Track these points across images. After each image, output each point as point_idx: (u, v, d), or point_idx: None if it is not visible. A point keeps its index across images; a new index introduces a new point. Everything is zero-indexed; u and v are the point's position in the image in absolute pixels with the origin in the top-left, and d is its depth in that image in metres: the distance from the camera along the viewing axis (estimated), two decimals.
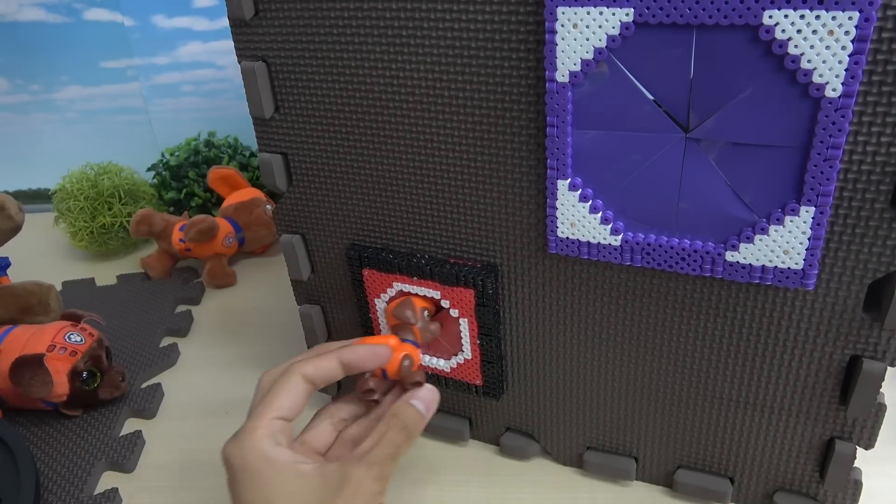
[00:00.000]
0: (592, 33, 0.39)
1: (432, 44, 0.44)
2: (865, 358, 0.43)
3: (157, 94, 1.05)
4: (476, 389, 0.56)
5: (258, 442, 0.42)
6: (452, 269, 0.51)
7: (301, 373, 0.45)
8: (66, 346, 0.64)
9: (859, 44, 0.33)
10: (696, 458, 0.53)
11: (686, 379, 0.50)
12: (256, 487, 0.41)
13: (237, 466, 0.42)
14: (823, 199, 0.38)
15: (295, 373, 0.45)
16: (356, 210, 0.54)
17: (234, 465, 0.42)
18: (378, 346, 0.47)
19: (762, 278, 0.42)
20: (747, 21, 0.35)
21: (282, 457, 0.42)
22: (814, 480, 0.50)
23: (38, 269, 0.89)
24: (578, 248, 0.46)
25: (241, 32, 0.50)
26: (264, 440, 0.42)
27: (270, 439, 0.43)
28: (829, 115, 0.35)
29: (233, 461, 0.42)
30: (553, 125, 0.42)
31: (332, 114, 0.50)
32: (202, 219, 0.84)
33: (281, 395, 0.44)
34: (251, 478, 0.42)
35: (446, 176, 0.49)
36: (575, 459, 0.58)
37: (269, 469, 0.42)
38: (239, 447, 0.42)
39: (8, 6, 1.00)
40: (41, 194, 1.13)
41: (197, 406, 0.68)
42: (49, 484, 0.59)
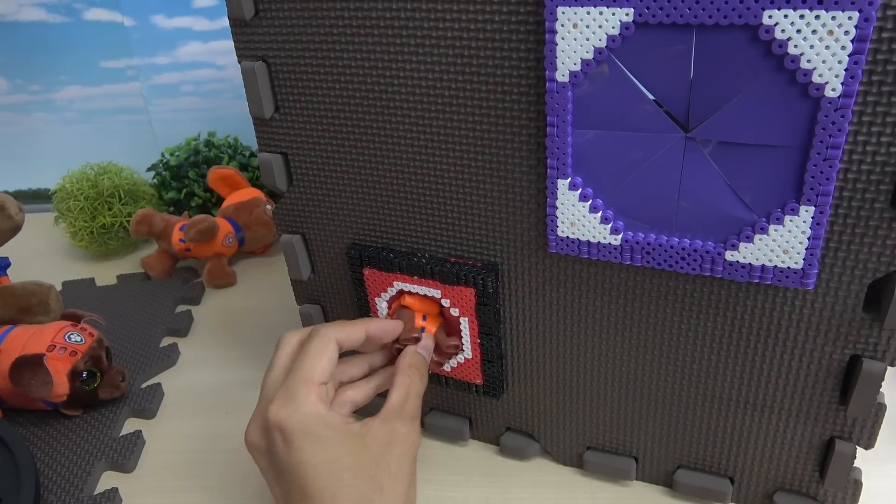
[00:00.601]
0: (592, 33, 0.39)
1: (432, 43, 0.44)
2: (865, 358, 0.43)
3: (157, 94, 1.05)
4: (476, 389, 0.56)
5: (314, 406, 0.44)
6: (453, 269, 0.51)
7: (333, 337, 0.47)
8: (66, 346, 0.64)
9: (859, 44, 0.33)
10: (695, 457, 0.53)
11: (686, 379, 0.50)
12: (319, 448, 0.43)
13: (297, 430, 0.43)
14: (823, 199, 0.38)
15: (331, 338, 0.47)
16: (356, 210, 0.54)
17: (293, 428, 0.43)
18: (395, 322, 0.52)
19: (762, 278, 0.42)
20: (747, 21, 0.35)
21: (335, 419, 0.44)
22: (814, 480, 0.50)
23: (38, 269, 0.90)
24: (578, 248, 0.46)
25: (241, 32, 0.50)
26: (320, 404, 0.44)
27: (324, 403, 0.44)
28: (828, 114, 0.35)
29: (291, 425, 0.43)
30: (553, 125, 0.42)
31: (332, 113, 0.50)
32: (202, 219, 0.84)
33: (322, 360, 0.46)
34: (312, 439, 0.43)
35: (447, 175, 0.49)
36: (575, 459, 0.58)
37: (328, 430, 0.43)
38: (296, 411, 0.43)
39: (8, 6, 1.00)
40: (41, 194, 1.14)
41: (197, 406, 0.68)
42: (49, 484, 0.59)
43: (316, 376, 0.45)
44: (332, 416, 0.44)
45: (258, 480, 0.59)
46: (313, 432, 0.43)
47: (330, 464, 0.42)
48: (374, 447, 0.44)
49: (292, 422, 0.43)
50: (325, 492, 0.42)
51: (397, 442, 0.45)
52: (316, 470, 0.42)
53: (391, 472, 0.44)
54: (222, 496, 0.58)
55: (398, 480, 0.44)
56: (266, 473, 0.46)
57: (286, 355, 0.48)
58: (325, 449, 0.43)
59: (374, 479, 0.43)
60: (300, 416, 0.43)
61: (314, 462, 0.42)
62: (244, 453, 0.61)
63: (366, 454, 0.44)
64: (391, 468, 0.44)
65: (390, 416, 0.46)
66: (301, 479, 0.42)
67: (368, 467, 0.43)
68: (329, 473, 0.42)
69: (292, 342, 0.48)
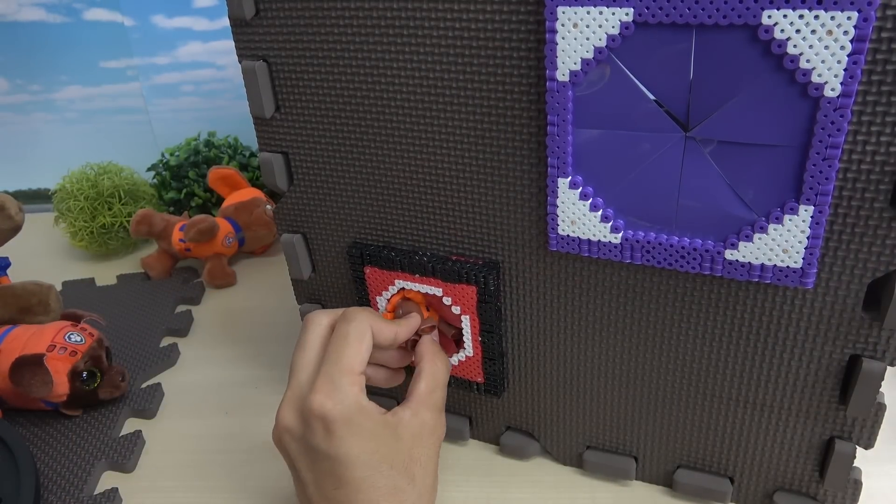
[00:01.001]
0: (592, 33, 0.39)
1: (433, 43, 0.45)
2: (865, 357, 0.44)
3: (157, 94, 1.05)
4: (477, 387, 0.56)
5: (357, 396, 0.44)
6: (454, 267, 0.51)
7: (370, 325, 0.47)
8: (66, 346, 0.64)
9: (858, 44, 0.34)
10: (695, 457, 0.53)
11: (686, 378, 0.50)
12: (361, 438, 0.43)
13: (340, 419, 0.43)
14: (822, 199, 0.38)
15: (368, 325, 0.46)
16: (357, 208, 0.54)
17: (336, 418, 0.43)
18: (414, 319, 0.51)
19: (761, 277, 0.42)
20: (746, 21, 0.35)
21: (373, 409, 0.45)
22: (814, 480, 0.50)
23: (38, 269, 0.90)
24: (579, 246, 0.46)
25: (241, 32, 0.50)
26: (361, 395, 0.45)
27: (363, 393, 0.45)
28: (827, 114, 0.36)
29: (334, 415, 0.43)
30: (554, 124, 0.42)
31: (332, 113, 0.50)
32: (202, 219, 0.84)
33: (362, 349, 0.46)
34: (354, 430, 0.43)
35: (448, 174, 0.49)
36: (575, 459, 0.58)
37: (368, 420, 0.44)
38: (340, 401, 0.43)
39: (8, 6, 1.00)
40: (41, 194, 1.13)
41: (197, 406, 0.69)
42: (49, 484, 0.59)
43: (357, 366, 0.45)
44: (371, 407, 0.45)
45: (258, 480, 0.59)
46: (356, 423, 0.43)
47: (370, 454, 0.43)
48: (406, 438, 0.45)
49: (336, 413, 0.43)
50: (363, 482, 0.43)
51: (426, 433, 0.46)
52: (358, 459, 0.43)
53: (422, 464, 0.45)
54: (222, 496, 0.58)
55: (427, 472, 0.45)
56: (296, 458, 0.45)
57: (318, 337, 0.47)
58: (365, 439, 0.43)
59: (407, 471, 0.44)
60: (344, 407, 0.43)
61: (356, 452, 0.43)
62: (244, 453, 0.62)
63: (400, 445, 0.45)
64: (422, 459, 0.45)
65: (419, 406, 0.47)
66: (339, 468, 0.43)
67: (403, 458, 0.44)
68: (368, 464, 0.43)
69: (323, 323, 0.48)
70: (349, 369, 0.45)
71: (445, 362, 0.50)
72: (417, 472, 0.45)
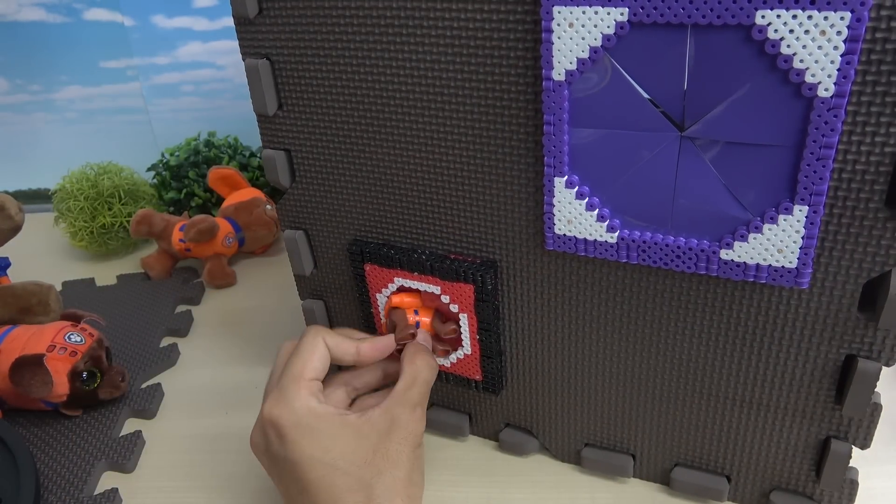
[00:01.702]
0: (588, 32, 0.39)
1: (432, 42, 0.45)
2: (861, 357, 0.44)
3: (157, 94, 1.05)
4: (476, 385, 0.56)
5: (305, 400, 0.45)
6: (452, 265, 0.51)
7: (324, 339, 0.48)
8: (66, 347, 0.64)
9: (851, 44, 0.34)
10: (692, 456, 0.53)
11: (682, 376, 0.50)
12: (312, 440, 0.44)
13: (288, 424, 0.44)
14: (817, 199, 0.38)
15: (319, 336, 0.48)
16: (358, 206, 0.54)
17: (285, 423, 0.44)
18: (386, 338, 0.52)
19: (756, 277, 0.42)
20: (740, 21, 0.35)
21: (327, 410, 0.46)
22: (810, 479, 0.50)
23: (38, 269, 0.90)
24: (575, 245, 0.46)
25: (245, 30, 0.50)
26: (310, 398, 0.46)
27: (314, 397, 0.46)
28: (821, 114, 0.36)
29: (283, 420, 0.45)
30: (550, 123, 0.42)
31: (334, 111, 0.50)
32: (202, 219, 0.85)
33: (312, 358, 0.47)
34: (305, 432, 0.44)
35: (446, 172, 0.49)
36: (573, 456, 0.58)
37: (320, 422, 0.45)
38: (287, 406, 0.45)
39: (8, 6, 1.00)
40: (41, 194, 1.14)
41: (197, 406, 0.69)
42: (49, 484, 0.60)
43: (306, 373, 0.47)
44: (323, 408, 0.45)
45: (258, 481, 0.59)
46: (304, 424, 0.44)
47: (323, 453, 0.44)
48: (371, 435, 0.45)
49: (284, 417, 0.45)
50: (320, 482, 0.43)
51: (397, 428, 0.46)
52: (311, 461, 0.43)
53: (390, 457, 0.45)
54: (222, 496, 0.59)
55: (398, 465, 0.45)
56: (268, 471, 0.47)
57: (282, 359, 0.50)
58: (317, 439, 0.44)
59: (370, 465, 0.44)
60: (290, 410, 0.45)
61: (308, 453, 0.44)
62: (244, 453, 0.62)
63: (362, 442, 0.45)
64: (390, 453, 0.45)
65: (391, 403, 0.47)
66: (297, 472, 0.44)
67: (365, 454, 0.44)
68: (323, 463, 0.43)
69: (287, 346, 0.50)
70: (296, 376, 0.46)
71: (426, 361, 0.50)
72: (384, 465, 0.44)
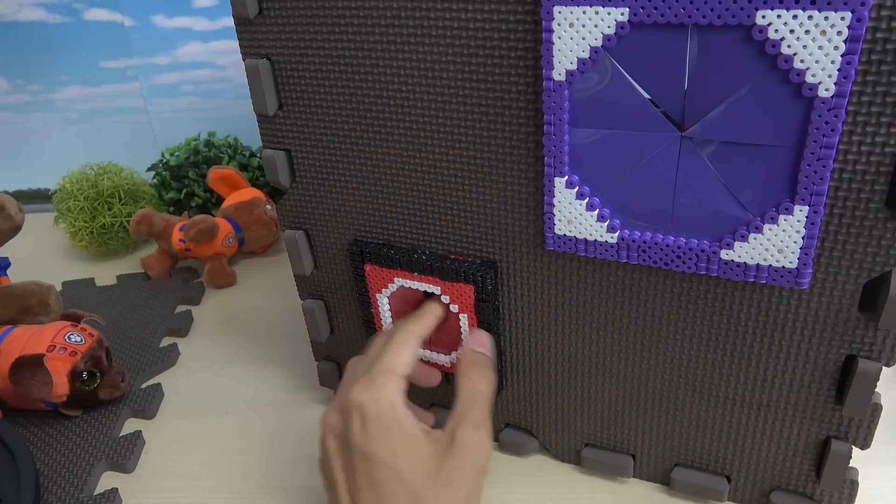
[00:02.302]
0: (588, 32, 0.39)
1: (432, 42, 0.45)
2: (861, 358, 0.44)
3: (157, 94, 1.05)
4: None
5: (392, 395, 0.45)
6: (452, 265, 0.51)
7: (415, 332, 0.49)
8: (66, 347, 0.64)
9: (852, 44, 0.34)
10: (692, 456, 0.53)
11: (682, 377, 0.50)
12: (385, 440, 0.43)
13: (372, 414, 0.44)
14: (817, 199, 0.38)
15: (410, 332, 0.49)
16: (358, 206, 0.54)
17: (371, 411, 0.44)
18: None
19: (756, 277, 0.42)
20: (740, 21, 0.35)
21: (407, 416, 0.45)
22: (810, 480, 0.50)
23: (38, 269, 0.90)
24: (575, 245, 0.46)
25: (245, 30, 0.50)
26: (397, 394, 0.45)
27: (401, 395, 0.45)
28: (822, 114, 0.36)
29: (369, 407, 0.44)
30: (550, 123, 0.42)
31: (334, 111, 0.50)
32: (202, 219, 0.85)
33: (403, 352, 0.47)
34: (382, 430, 0.43)
35: (446, 172, 0.49)
36: (573, 456, 0.58)
37: (397, 425, 0.44)
38: (375, 395, 0.44)
39: (8, 6, 1.00)
40: (41, 194, 1.14)
41: (197, 406, 0.69)
42: (49, 484, 0.60)
43: (397, 367, 0.46)
44: (404, 411, 0.45)
45: (258, 481, 0.59)
46: (384, 421, 0.44)
47: (393, 457, 0.43)
48: (435, 455, 0.44)
49: (371, 406, 0.44)
50: (385, 485, 0.43)
51: (459, 450, 0.44)
52: (381, 460, 0.43)
53: (451, 482, 0.43)
54: (222, 496, 0.59)
55: (457, 489, 0.43)
56: (332, 457, 0.45)
57: (374, 349, 0.49)
58: (391, 440, 0.43)
59: (430, 486, 0.43)
60: (377, 400, 0.44)
61: (379, 452, 0.43)
62: (245, 453, 0.62)
63: (427, 460, 0.43)
64: (452, 477, 0.43)
65: (454, 424, 0.45)
66: (368, 466, 0.43)
67: (427, 472, 0.43)
68: (388, 466, 0.43)
69: (381, 339, 0.50)
70: (388, 369, 0.46)
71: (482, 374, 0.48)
72: (442, 489, 0.43)
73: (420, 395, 0.62)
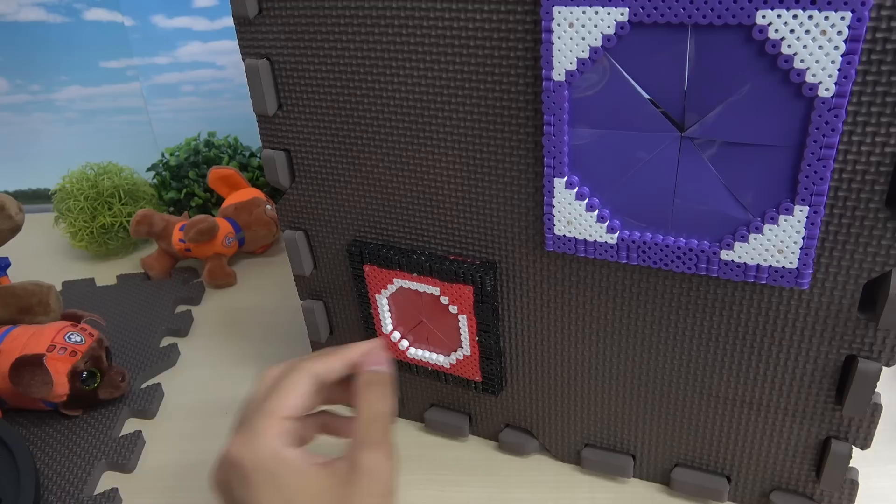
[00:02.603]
0: (588, 32, 0.39)
1: (432, 42, 0.45)
2: (861, 358, 0.44)
3: (157, 94, 1.05)
4: (475, 385, 0.56)
5: (270, 441, 0.41)
6: (452, 266, 0.51)
7: (309, 372, 0.44)
8: (66, 347, 0.64)
9: (852, 44, 0.34)
10: (692, 456, 0.53)
11: (682, 377, 0.50)
12: (273, 490, 0.40)
13: (250, 468, 0.40)
14: (817, 199, 0.38)
15: (303, 371, 0.44)
16: (358, 206, 0.54)
17: (247, 466, 0.40)
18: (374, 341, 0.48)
19: (757, 277, 0.42)
20: (740, 21, 0.35)
21: (294, 457, 0.41)
22: (810, 480, 0.50)
23: (38, 269, 0.90)
24: (575, 246, 0.46)
25: (245, 31, 0.50)
26: (276, 440, 0.41)
27: (281, 439, 0.42)
28: (822, 114, 0.36)
29: (244, 462, 0.40)
30: (550, 123, 0.42)
31: (334, 111, 0.50)
32: (202, 219, 0.84)
33: (290, 394, 0.43)
34: (267, 480, 0.40)
35: (446, 173, 0.49)
36: (573, 456, 0.58)
37: (284, 469, 0.41)
38: (250, 447, 0.41)
39: (8, 6, 1.00)
40: (41, 194, 1.14)
41: (197, 406, 0.69)
42: (49, 484, 0.60)
43: (279, 410, 0.42)
44: (289, 454, 0.41)
45: None
46: (267, 470, 0.40)
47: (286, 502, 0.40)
48: (335, 487, 0.40)
49: (247, 459, 0.41)
50: None
51: (360, 476, 0.41)
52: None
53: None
54: None
55: None
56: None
57: (261, 387, 0.45)
58: (279, 489, 0.40)
59: None
60: (254, 452, 0.41)
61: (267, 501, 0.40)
62: None
63: (326, 495, 0.40)
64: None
65: (353, 447, 0.42)
66: None
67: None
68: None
69: (272, 374, 0.46)
70: (269, 412, 0.42)
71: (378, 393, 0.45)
72: None
73: (420, 395, 0.62)
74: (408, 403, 0.63)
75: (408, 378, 0.61)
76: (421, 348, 0.57)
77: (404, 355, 0.58)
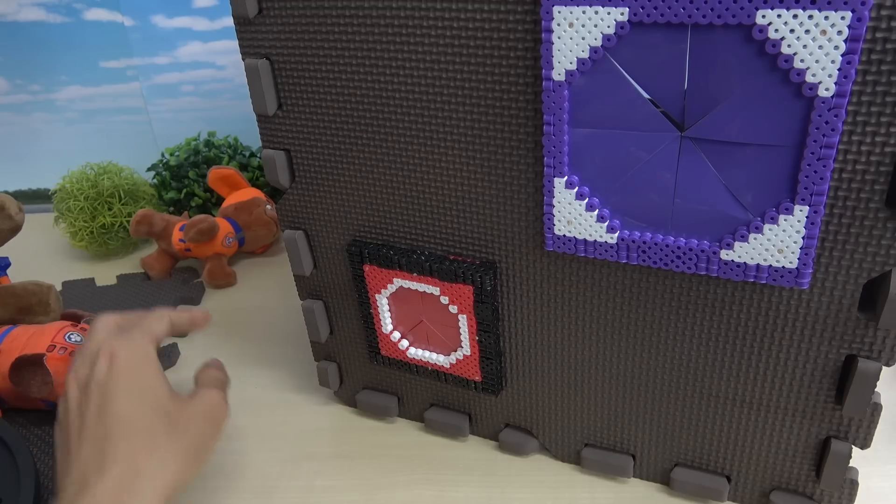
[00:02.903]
0: (588, 32, 0.39)
1: (432, 42, 0.45)
2: (861, 357, 0.44)
3: (157, 94, 1.05)
4: (475, 385, 0.56)
5: (147, 346, 0.50)
6: (452, 266, 0.51)
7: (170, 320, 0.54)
8: (66, 346, 0.64)
9: (852, 43, 0.34)
10: (692, 456, 0.53)
11: (682, 377, 0.50)
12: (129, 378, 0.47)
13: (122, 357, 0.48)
14: (817, 199, 0.38)
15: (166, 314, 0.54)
16: (358, 206, 0.54)
17: (120, 355, 0.48)
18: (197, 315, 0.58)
19: (757, 277, 0.42)
20: (740, 20, 0.35)
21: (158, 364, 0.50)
22: (810, 479, 0.50)
23: (38, 269, 0.90)
24: (575, 246, 0.46)
25: (244, 30, 0.50)
26: (150, 345, 0.50)
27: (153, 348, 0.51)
28: (822, 114, 0.36)
29: (120, 352, 0.48)
30: (550, 123, 0.42)
31: (334, 111, 0.50)
32: (202, 219, 0.84)
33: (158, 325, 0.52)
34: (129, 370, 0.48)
35: (446, 173, 0.49)
36: (573, 456, 0.58)
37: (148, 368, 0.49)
38: (129, 342, 0.49)
39: (8, 6, 1.00)
40: (41, 194, 1.14)
41: None
42: (49, 484, 0.60)
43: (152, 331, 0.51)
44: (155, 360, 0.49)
45: (258, 480, 0.59)
46: (136, 366, 0.48)
47: (141, 392, 0.47)
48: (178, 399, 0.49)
49: (123, 349, 0.48)
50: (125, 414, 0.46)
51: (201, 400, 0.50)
52: (128, 394, 0.47)
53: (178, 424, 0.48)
54: (223, 496, 0.58)
55: (184, 431, 0.48)
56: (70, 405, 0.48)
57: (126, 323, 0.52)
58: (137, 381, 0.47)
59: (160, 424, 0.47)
60: (131, 346, 0.49)
61: (121, 388, 0.47)
62: (244, 454, 0.62)
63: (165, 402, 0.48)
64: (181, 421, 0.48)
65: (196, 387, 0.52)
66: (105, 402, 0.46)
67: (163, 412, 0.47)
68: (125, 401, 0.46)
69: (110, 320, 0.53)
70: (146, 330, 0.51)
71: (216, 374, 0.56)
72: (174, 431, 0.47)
73: (420, 395, 0.62)
74: (408, 403, 0.63)
75: (408, 378, 0.61)
76: (421, 348, 0.57)
77: (404, 355, 0.58)
